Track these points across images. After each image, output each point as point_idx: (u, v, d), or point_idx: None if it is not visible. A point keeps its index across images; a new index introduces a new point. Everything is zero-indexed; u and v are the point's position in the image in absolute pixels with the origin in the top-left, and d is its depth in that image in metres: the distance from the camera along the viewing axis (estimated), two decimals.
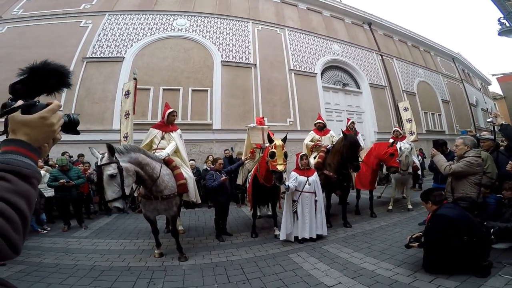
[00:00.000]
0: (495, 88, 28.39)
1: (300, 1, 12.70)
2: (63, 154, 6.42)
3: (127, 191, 3.07)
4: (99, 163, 3.01)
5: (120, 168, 3.02)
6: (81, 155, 7.24)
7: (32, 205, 0.63)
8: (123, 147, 3.37)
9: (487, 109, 20.39)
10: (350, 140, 4.68)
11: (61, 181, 5.23)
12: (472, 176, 3.42)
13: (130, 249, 4.21)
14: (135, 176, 3.30)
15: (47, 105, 0.71)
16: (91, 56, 8.97)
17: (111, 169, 2.97)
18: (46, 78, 0.77)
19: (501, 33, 9.98)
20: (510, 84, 27.61)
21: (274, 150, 3.78)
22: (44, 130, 0.69)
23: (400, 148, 5.86)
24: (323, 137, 6.00)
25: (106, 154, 3.04)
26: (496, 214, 3.69)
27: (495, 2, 10.22)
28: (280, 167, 3.73)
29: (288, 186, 4.12)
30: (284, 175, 4.06)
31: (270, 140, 3.89)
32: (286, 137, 4.15)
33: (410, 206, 6.04)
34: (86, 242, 4.54)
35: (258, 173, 4.40)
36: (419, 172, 7.51)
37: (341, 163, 4.88)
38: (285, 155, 3.88)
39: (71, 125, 0.82)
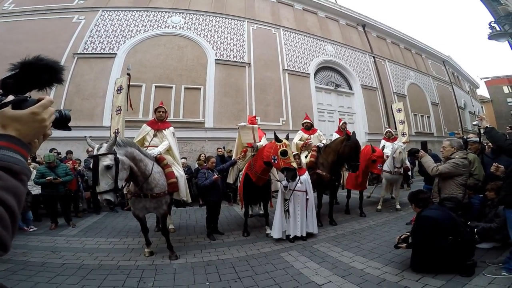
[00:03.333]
0: (483, 91, 29.34)
1: (296, 1, 12.76)
2: (51, 150, 6.29)
3: (120, 185, 3.01)
4: (95, 153, 2.95)
5: (116, 160, 2.96)
6: (69, 152, 7.12)
7: (21, 202, 0.62)
8: (120, 140, 3.31)
9: (474, 112, 20.96)
10: (354, 141, 4.80)
11: (48, 178, 5.11)
12: (458, 177, 3.51)
13: (120, 247, 4.15)
14: (129, 170, 3.24)
15: (38, 100, 0.70)
16: (82, 52, 8.81)
17: (108, 160, 2.91)
18: (39, 73, 0.75)
19: (491, 37, 10.17)
20: (497, 88, 28.51)
21: (286, 149, 3.84)
22: (35, 125, 0.68)
23: (391, 147, 6.01)
24: (311, 136, 6.06)
25: (104, 145, 2.99)
26: (480, 214, 3.81)
27: (487, 6, 10.48)
28: (294, 164, 3.87)
29: (287, 185, 4.13)
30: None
31: (278, 140, 3.92)
32: (288, 136, 4.26)
33: (398, 206, 6.15)
34: (74, 241, 4.45)
35: (252, 171, 4.40)
36: (410, 172, 7.71)
37: (336, 163, 4.94)
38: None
39: (62, 121, 0.81)
